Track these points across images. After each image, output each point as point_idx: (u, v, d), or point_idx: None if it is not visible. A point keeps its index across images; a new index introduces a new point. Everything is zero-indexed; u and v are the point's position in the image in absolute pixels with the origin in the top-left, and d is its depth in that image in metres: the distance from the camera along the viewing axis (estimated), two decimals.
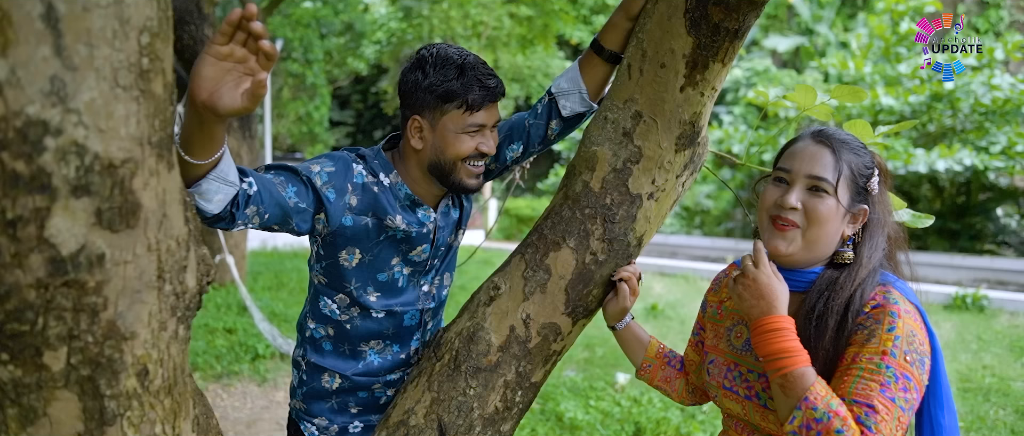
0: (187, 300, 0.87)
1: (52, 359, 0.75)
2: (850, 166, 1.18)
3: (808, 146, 1.21)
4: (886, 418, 1.00)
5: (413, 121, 1.42)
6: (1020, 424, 4.13)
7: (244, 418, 4.20)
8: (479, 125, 1.40)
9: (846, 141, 1.21)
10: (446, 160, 1.41)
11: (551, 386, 4.53)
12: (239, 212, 1.17)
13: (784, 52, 17.02)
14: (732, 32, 1.24)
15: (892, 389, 1.02)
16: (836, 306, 1.12)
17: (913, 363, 1.05)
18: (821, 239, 1.18)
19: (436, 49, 1.42)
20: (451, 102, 1.38)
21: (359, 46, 17.01)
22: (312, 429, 1.59)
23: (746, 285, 1.14)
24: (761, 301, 1.12)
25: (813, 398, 1.02)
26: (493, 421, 1.38)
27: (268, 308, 6.50)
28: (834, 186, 1.16)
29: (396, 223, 1.43)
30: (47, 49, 0.65)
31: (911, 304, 1.12)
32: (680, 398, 1.48)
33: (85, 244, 0.72)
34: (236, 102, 0.94)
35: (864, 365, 1.05)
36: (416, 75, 1.40)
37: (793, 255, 1.19)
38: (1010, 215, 12.97)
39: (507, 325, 1.38)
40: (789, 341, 1.08)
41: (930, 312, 7.53)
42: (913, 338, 1.07)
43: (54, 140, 0.67)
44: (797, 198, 1.18)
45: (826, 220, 1.17)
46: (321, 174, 1.35)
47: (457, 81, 1.37)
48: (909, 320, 1.08)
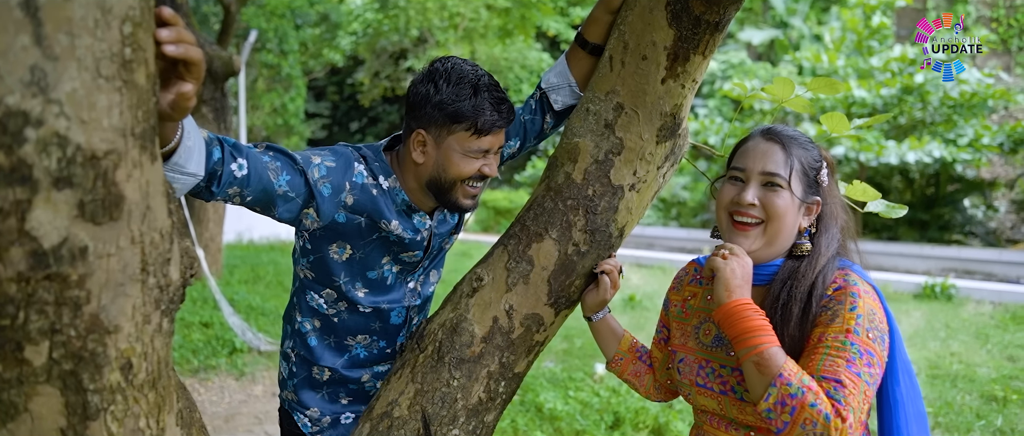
0: (171, 293, 0.87)
1: (33, 353, 0.74)
2: (800, 160, 1.24)
3: (759, 144, 1.27)
4: (853, 391, 1.05)
5: (417, 134, 1.39)
6: (985, 409, 4.25)
7: (222, 412, 4.16)
8: (485, 149, 1.38)
9: (794, 137, 1.27)
10: (447, 179, 1.39)
11: (531, 377, 4.55)
12: (218, 189, 1.16)
13: (759, 45, 17.18)
14: (713, 25, 1.25)
15: (857, 364, 1.08)
16: (799, 294, 1.18)
17: (875, 339, 1.11)
18: (781, 232, 1.24)
19: (451, 63, 1.38)
20: (460, 123, 1.35)
21: (335, 37, 16.82)
22: (305, 420, 1.59)
23: (732, 269, 1.18)
24: (724, 290, 1.16)
25: (787, 374, 1.06)
26: (477, 412, 1.39)
27: (244, 302, 6.44)
28: (787, 180, 1.22)
29: (391, 228, 1.41)
30: (27, 38, 0.64)
31: (868, 285, 1.18)
32: (647, 393, 1.50)
33: (67, 237, 0.70)
34: (162, 108, 0.84)
35: (830, 343, 1.10)
36: (427, 88, 1.37)
37: (756, 251, 1.25)
38: (977, 206, 13.29)
39: (490, 316, 1.39)
40: (761, 320, 1.13)
41: (901, 301, 7.70)
42: (873, 316, 1.13)
43: (35, 131, 0.65)
44: (754, 195, 1.24)
45: (783, 214, 1.22)
46: (320, 167, 1.33)
47: (469, 101, 1.34)
48: (868, 300, 1.14)
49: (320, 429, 1.59)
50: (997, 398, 4.41)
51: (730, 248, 1.21)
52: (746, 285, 1.18)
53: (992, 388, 4.55)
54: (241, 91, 12.17)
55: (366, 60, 17.88)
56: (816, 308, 1.16)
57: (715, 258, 1.21)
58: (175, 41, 0.79)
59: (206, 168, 1.12)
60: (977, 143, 11.43)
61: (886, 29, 13.32)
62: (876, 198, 1.58)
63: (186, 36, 0.81)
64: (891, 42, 13.89)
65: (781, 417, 1.05)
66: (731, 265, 1.18)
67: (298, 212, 1.33)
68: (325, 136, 22.00)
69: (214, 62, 6.36)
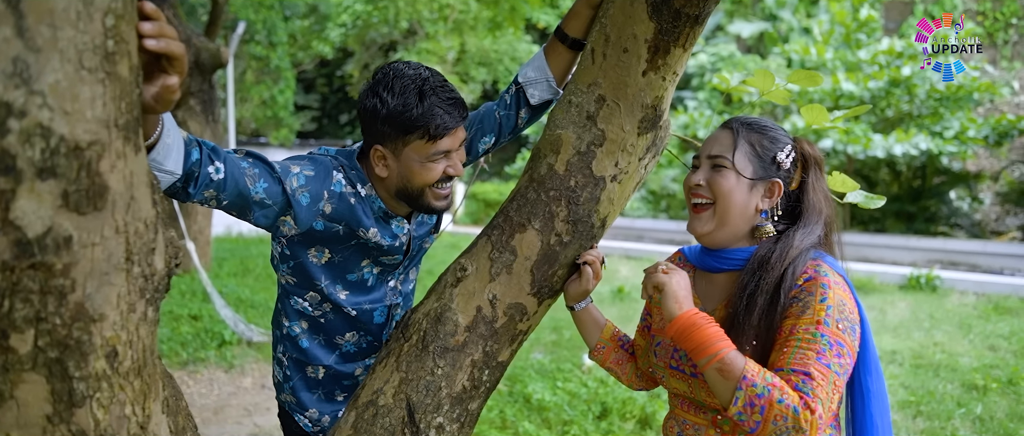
0: (156, 282, 0.88)
1: (19, 341, 0.75)
2: (749, 142, 1.27)
3: (714, 133, 1.33)
4: (822, 383, 1.07)
5: (375, 150, 1.37)
6: (966, 397, 4.32)
7: (211, 405, 4.17)
8: (444, 150, 1.36)
9: (750, 123, 1.30)
10: (413, 188, 1.38)
11: (519, 368, 4.58)
12: (195, 191, 1.17)
13: (748, 37, 17.22)
14: (693, 17, 1.27)
15: (827, 356, 1.09)
16: (766, 285, 1.19)
17: (845, 330, 1.12)
18: (730, 211, 1.26)
19: (392, 71, 1.36)
20: (413, 133, 1.32)
21: (324, 29, 16.72)
22: (305, 421, 1.61)
23: (677, 282, 1.21)
24: (674, 303, 1.19)
25: (751, 376, 1.08)
26: (461, 400, 1.41)
27: (234, 294, 6.43)
28: (731, 160, 1.25)
29: (369, 235, 1.42)
30: (9, 30, 0.65)
31: (839, 275, 1.19)
32: (629, 382, 1.53)
33: (52, 226, 0.72)
34: (146, 101, 0.85)
35: (801, 336, 1.12)
36: (374, 102, 1.34)
37: (711, 233, 1.28)
38: (962, 198, 13.42)
39: (474, 305, 1.41)
40: (714, 328, 1.14)
41: (886, 292, 7.78)
42: (843, 307, 1.14)
43: (18, 122, 0.66)
44: (701, 177, 1.29)
45: (728, 193, 1.25)
46: (298, 176, 1.33)
47: (417, 109, 1.31)
48: (839, 291, 1.16)
49: (321, 428, 1.62)
50: (978, 387, 4.48)
51: (666, 265, 1.26)
52: (690, 296, 1.21)
53: (973, 377, 4.62)
54: (229, 83, 12.10)
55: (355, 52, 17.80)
56: (784, 300, 1.17)
57: (658, 275, 1.23)
58: (156, 35, 0.80)
59: (184, 168, 1.12)
60: (963, 136, 11.52)
61: (874, 22, 13.39)
62: (855, 189, 1.61)
63: (168, 30, 0.82)
64: (879, 35, 13.96)
65: (752, 418, 1.07)
66: (675, 279, 1.21)
67: (275, 218, 1.34)
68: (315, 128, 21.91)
69: (201, 54, 6.33)
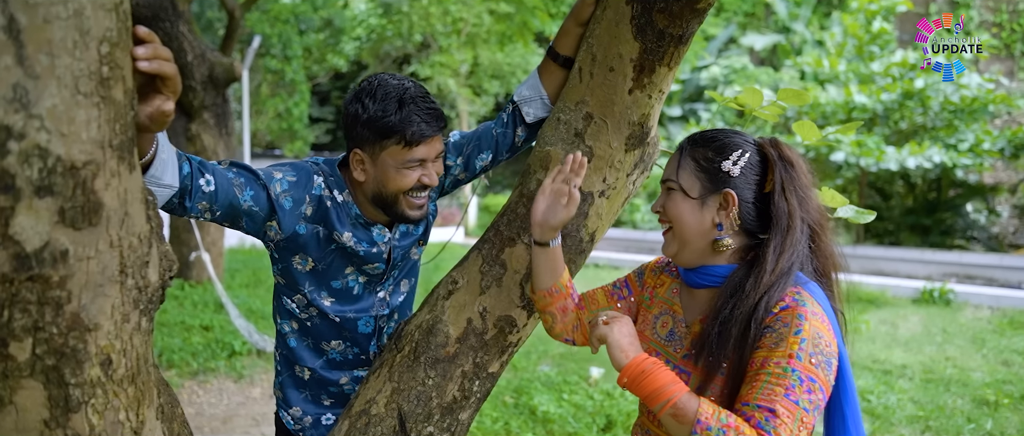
0: (149, 293, 0.92)
1: (18, 350, 0.80)
2: (693, 157, 1.24)
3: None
4: (786, 421, 1.03)
5: (354, 154, 1.42)
6: (976, 412, 4.28)
7: (220, 414, 4.22)
8: (420, 159, 1.40)
9: (697, 138, 1.26)
10: (388, 193, 1.42)
11: (525, 380, 4.60)
12: (191, 204, 1.22)
13: (761, 50, 17.21)
14: (676, 37, 1.31)
15: (796, 392, 1.05)
16: (739, 315, 1.14)
17: (818, 365, 1.07)
18: (685, 232, 1.23)
19: (377, 80, 1.41)
20: (390, 138, 1.37)
21: (339, 42, 16.93)
22: (288, 418, 1.65)
23: (620, 331, 1.19)
24: (620, 352, 1.16)
25: (705, 419, 1.05)
26: (451, 410, 1.44)
27: (245, 305, 6.50)
28: (676, 181, 1.24)
29: (343, 239, 1.46)
30: (9, 58, 0.69)
31: (818, 306, 1.14)
32: (561, 330, 1.44)
33: (49, 241, 0.76)
34: (140, 120, 0.88)
35: (771, 370, 1.07)
36: (356, 108, 1.40)
37: (676, 255, 1.26)
38: (978, 211, 13.28)
39: (465, 318, 1.44)
40: (664, 373, 1.12)
41: (899, 306, 7.71)
42: (819, 340, 1.08)
43: (17, 143, 0.71)
44: (658, 203, 1.28)
45: (678, 215, 1.23)
46: (281, 181, 1.39)
47: (396, 116, 1.36)
48: (816, 322, 1.10)
49: (302, 428, 1.65)
50: (989, 402, 4.43)
51: (607, 315, 1.22)
52: (636, 341, 1.19)
53: (984, 392, 4.57)
54: (245, 96, 12.27)
55: (370, 65, 17.97)
56: (756, 330, 1.12)
57: (600, 328, 1.20)
58: (150, 58, 0.85)
59: (178, 182, 1.18)
60: (978, 148, 11.42)
61: (887, 34, 13.34)
62: (844, 204, 1.63)
63: (162, 52, 0.87)
64: (892, 47, 13.90)
65: None
66: (616, 328, 1.19)
67: (262, 224, 1.39)
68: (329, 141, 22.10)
69: (215, 68, 6.44)
